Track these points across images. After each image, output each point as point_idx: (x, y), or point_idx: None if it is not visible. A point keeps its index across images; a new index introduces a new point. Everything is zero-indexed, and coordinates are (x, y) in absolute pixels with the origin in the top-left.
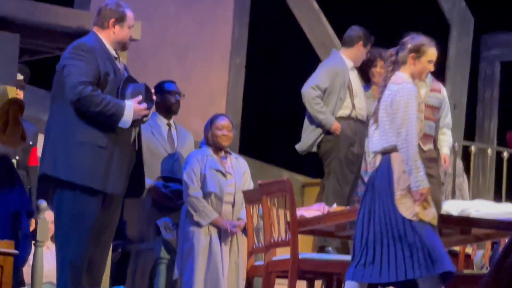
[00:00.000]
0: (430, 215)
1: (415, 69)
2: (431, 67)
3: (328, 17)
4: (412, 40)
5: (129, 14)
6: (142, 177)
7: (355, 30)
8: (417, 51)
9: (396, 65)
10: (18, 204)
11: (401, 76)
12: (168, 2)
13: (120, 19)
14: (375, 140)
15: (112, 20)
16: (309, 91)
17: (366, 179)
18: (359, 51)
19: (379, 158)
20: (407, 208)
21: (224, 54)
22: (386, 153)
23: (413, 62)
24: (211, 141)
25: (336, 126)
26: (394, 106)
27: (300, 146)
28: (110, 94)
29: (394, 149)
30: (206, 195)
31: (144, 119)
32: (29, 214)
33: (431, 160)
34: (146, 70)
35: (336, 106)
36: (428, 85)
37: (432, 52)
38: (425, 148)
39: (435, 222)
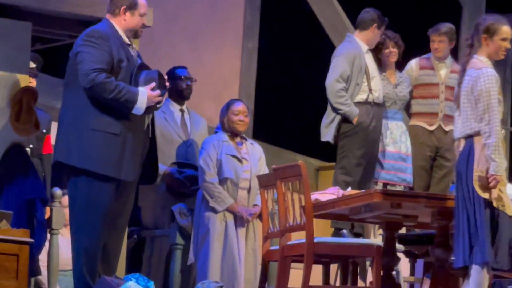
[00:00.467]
0: (502, 202)
1: (490, 50)
2: (507, 44)
3: None
4: (483, 21)
5: (141, 1)
6: (155, 164)
7: (368, 13)
8: (488, 31)
9: (473, 48)
10: (32, 192)
11: (480, 60)
12: None
13: (131, 6)
14: (458, 127)
15: (123, 7)
16: (334, 84)
17: (384, 161)
18: (373, 34)
19: (462, 142)
20: (483, 190)
21: (236, 38)
22: (469, 137)
23: (487, 42)
24: (227, 127)
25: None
26: (476, 93)
27: (331, 138)
28: (124, 81)
29: (477, 134)
30: (222, 181)
31: (158, 105)
32: (44, 202)
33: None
34: (158, 56)
35: (354, 91)
36: (448, 66)
37: (504, 30)
38: (447, 128)
39: (509, 211)
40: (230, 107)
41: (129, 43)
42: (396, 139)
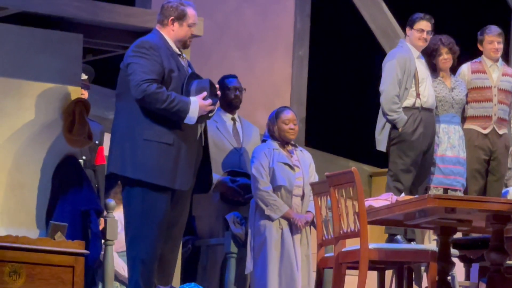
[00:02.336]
0: None
1: None
2: None
3: (389, 5)
4: None
5: (191, 12)
6: (209, 173)
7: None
8: None
9: None
10: (87, 204)
11: None
12: None
13: (180, 17)
14: None
15: (171, 18)
16: (390, 90)
17: (442, 166)
18: (410, 35)
19: None
20: None
21: (287, 46)
22: None
23: None
24: (277, 135)
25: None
26: None
27: (385, 148)
28: (175, 91)
29: None
30: (276, 188)
31: (210, 114)
32: (98, 213)
33: (507, 147)
34: (209, 65)
35: (403, 96)
36: (500, 69)
37: None
38: (500, 132)
39: None
40: (279, 115)
41: (179, 53)
42: (454, 144)
